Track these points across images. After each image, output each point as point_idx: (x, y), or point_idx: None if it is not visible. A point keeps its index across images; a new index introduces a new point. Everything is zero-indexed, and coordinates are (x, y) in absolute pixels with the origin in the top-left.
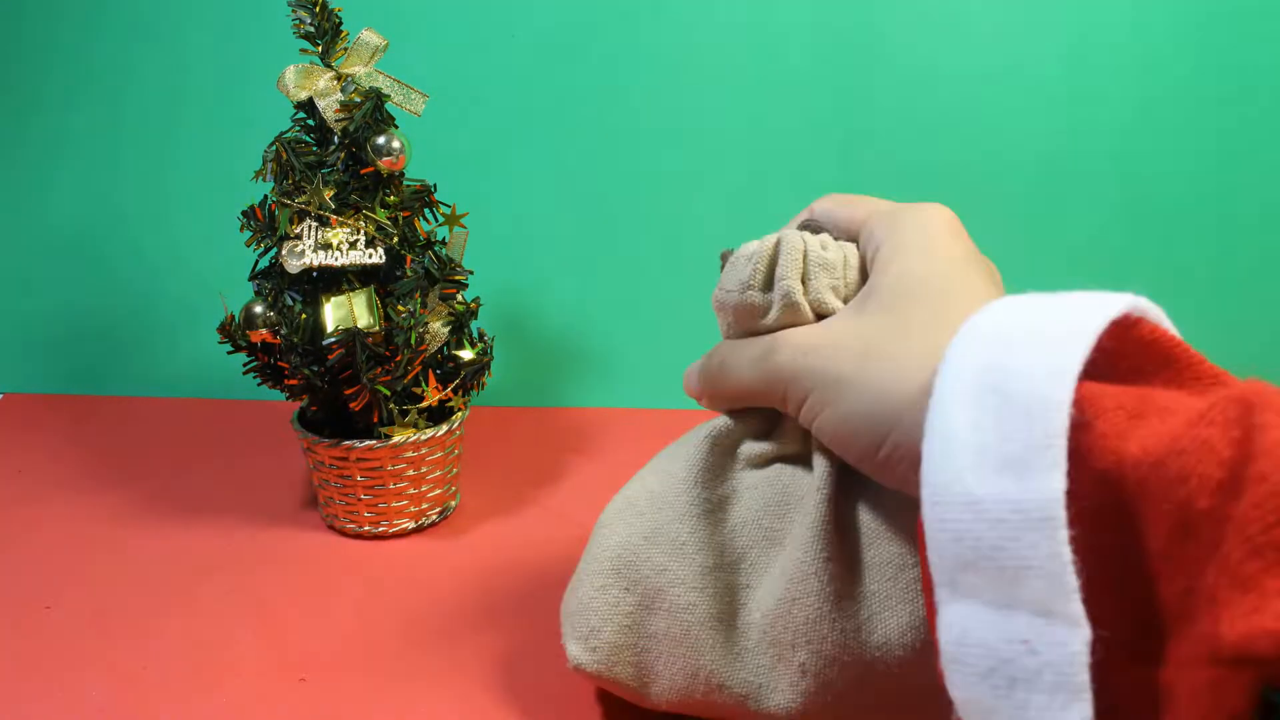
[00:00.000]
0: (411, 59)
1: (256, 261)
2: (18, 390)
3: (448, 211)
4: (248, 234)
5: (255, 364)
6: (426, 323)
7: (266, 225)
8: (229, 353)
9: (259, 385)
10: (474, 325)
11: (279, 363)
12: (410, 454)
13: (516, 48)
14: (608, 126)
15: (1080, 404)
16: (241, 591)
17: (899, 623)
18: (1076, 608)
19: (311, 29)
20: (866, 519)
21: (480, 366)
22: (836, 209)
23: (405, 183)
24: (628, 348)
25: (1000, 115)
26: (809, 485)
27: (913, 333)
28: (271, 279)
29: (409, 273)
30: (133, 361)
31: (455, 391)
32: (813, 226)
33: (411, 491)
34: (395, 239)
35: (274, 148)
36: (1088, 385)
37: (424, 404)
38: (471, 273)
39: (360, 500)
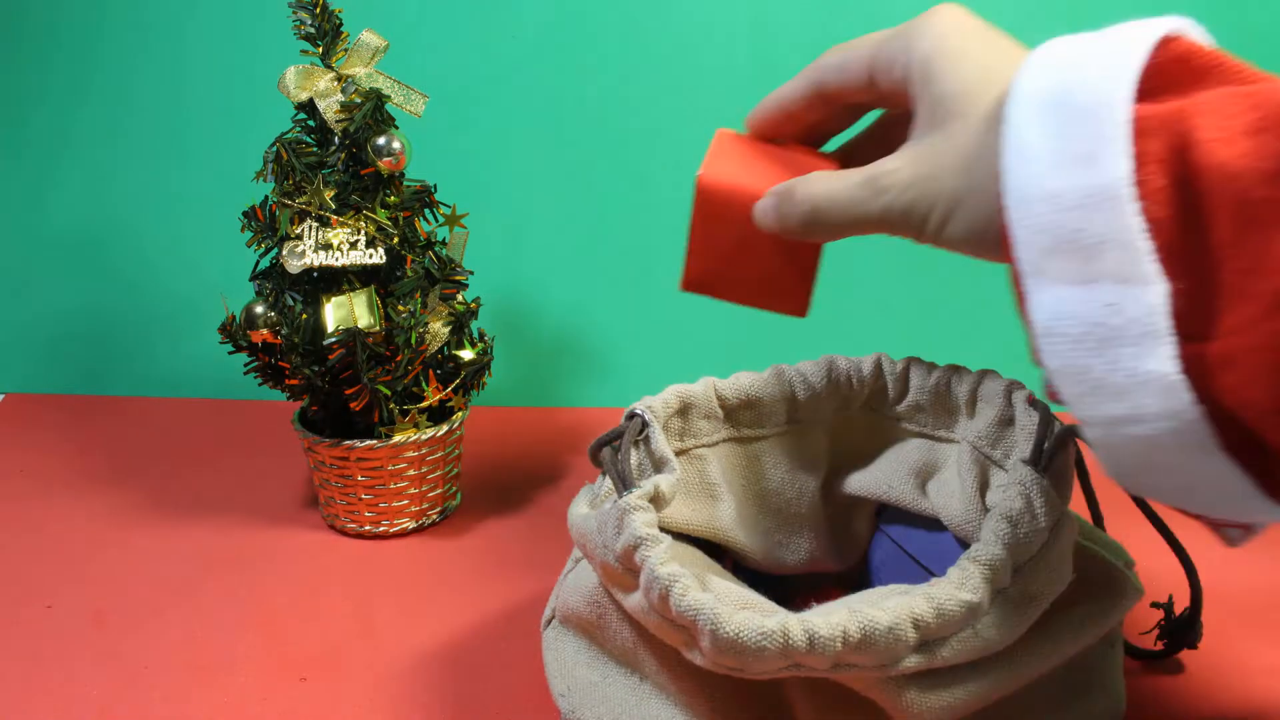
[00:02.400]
0: (411, 59)
1: (257, 262)
2: (18, 390)
3: (448, 211)
4: (248, 234)
5: (256, 364)
6: (427, 323)
7: (267, 226)
8: (230, 353)
9: (260, 385)
10: (474, 325)
11: (280, 363)
12: (411, 454)
13: (516, 48)
14: (607, 126)
15: (1140, 111)
16: (241, 591)
17: None
18: (1151, 267)
19: (312, 30)
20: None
21: (480, 366)
22: (841, 60)
23: (405, 183)
24: (628, 348)
25: None
26: None
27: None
28: (272, 279)
29: (409, 273)
30: (133, 361)
31: (455, 391)
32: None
33: (412, 491)
34: (395, 239)
35: (274, 148)
36: (1141, 103)
37: (424, 404)
38: (471, 273)
39: (361, 500)
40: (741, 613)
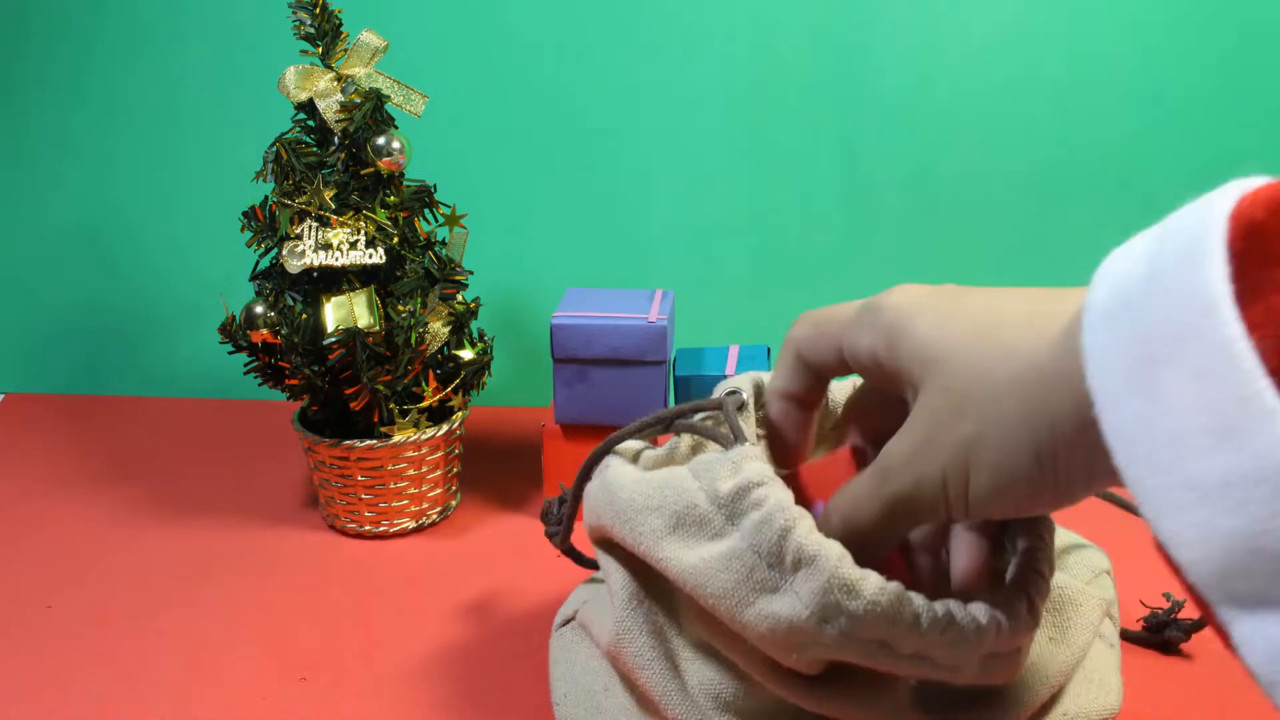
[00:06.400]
0: (411, 59)
1: (257, 262)
2: (18, 390)
3: (448, 211)
4: (248, 234)
5: (256, 364)
6: (426, 323)
7: (267, 226)
8: (230, 353)
9: (260, 385)
10: (474, 325)
11: (280, 363)
12: (411, 454)
13: (516, 48)
14: (607, 127)
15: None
16: (242, 591)
17: None
18: None
19: (312, 30)
20: None
21: (480, 366)
22: (812, 340)
23: (405, 183)
24: None
25: (999, 119)
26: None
27: (991, 353)
28: (272, 279)
29: (409, 273)
30: (133, 362)
31: (455, 391)
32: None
33: (412, 491)
34: (395, 239)
35: (274, 148)
36: (1250, 311)
37: (424, 404)
38: (471, 273)
39: (361, 500)
40: (864, 568)
